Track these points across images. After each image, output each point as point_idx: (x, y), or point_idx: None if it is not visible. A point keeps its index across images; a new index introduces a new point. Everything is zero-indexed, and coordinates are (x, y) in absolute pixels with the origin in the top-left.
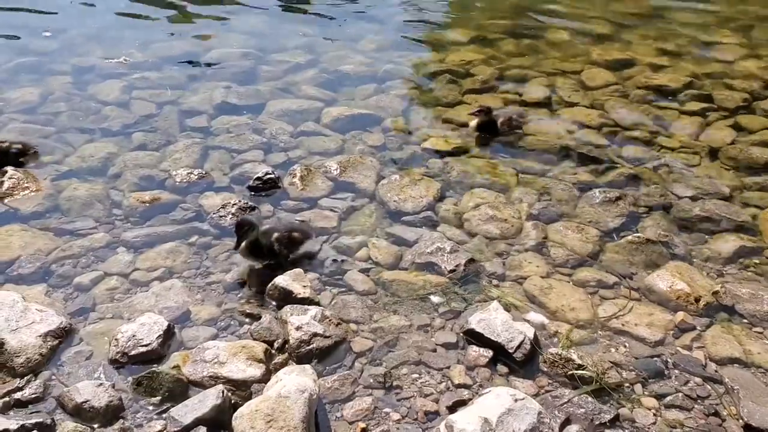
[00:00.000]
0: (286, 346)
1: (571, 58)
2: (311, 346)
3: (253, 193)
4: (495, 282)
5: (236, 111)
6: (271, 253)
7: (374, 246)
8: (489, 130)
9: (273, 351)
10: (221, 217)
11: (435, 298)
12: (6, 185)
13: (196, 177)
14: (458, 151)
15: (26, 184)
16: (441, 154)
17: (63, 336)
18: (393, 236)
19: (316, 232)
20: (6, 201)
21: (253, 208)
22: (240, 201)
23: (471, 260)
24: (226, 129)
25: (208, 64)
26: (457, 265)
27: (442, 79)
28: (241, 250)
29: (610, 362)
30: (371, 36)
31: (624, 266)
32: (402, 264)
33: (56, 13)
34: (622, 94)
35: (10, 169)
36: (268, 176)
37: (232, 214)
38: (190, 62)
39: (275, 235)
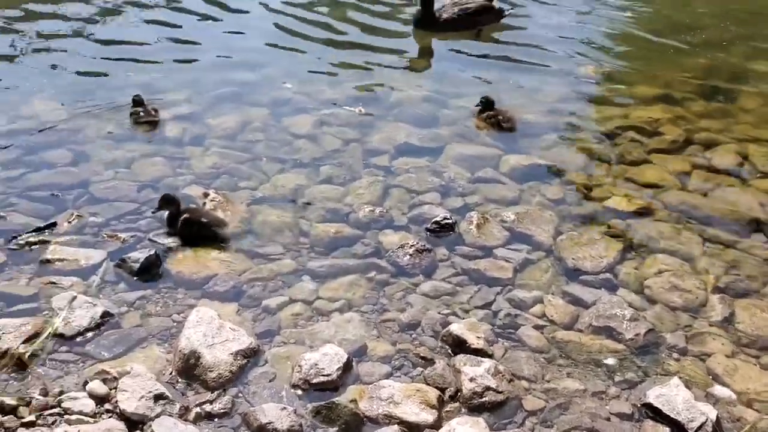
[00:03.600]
0: (459, 395)
1: (765, 125)
2: (483, 399)
3: (430, 234)
4: (675, 355)
5: (416, 152)
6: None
7: (550, 303)
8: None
9: (445, 398)
10: (399, 256)
11: (611, 365)
12: (208, 207)
13: (377, 214)
14: (642, 212)
15: (226, 207)
16: (623, 213)
17: (251, 356)
18: (570, 295)
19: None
20: None
21: (429, 250)
22: (417, 243)
23: (651, 330)
24: (406, 169)
25: (392, 106)
26: (636, 334)
27: (627, 136)
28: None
29: None
30: (552, 86)
31: None
32: (578, 325)
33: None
34: None
35: (212, 192)
36: (446, 221)
37: (410, 255)
38: (374, 103)
39: (185, 216)
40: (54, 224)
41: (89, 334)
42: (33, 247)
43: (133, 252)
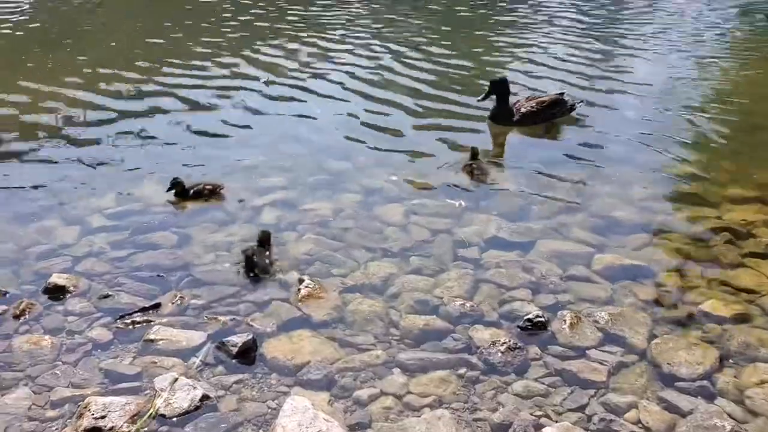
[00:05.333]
0: None
1: None
2: None
3: (521, 332)
4: None
5: (506, 246)
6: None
7: (645, 409)
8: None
9: None
10: (490, 353)
11: None
12: (302, 293)
13: (468, 308)
14: (739, 318)
15: (319, 294)
16: (719, 319)
17: None
18: (665, 401)
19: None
20: (301, 307)
21: (521, 348)
22: (509, 340)
23: None
24: (496, 263)
25: (480, 198)
26: None
27: (720, 238)
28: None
29: None
30: (644, 184)
31: None
32: None
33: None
34: None
35: (306, 278)
36: (538, 319)
37: (501, 352)
38: (463, 194)
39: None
40: (158, 305)
41: (189, 416)
42: (137, 326)
43: (231, 335)
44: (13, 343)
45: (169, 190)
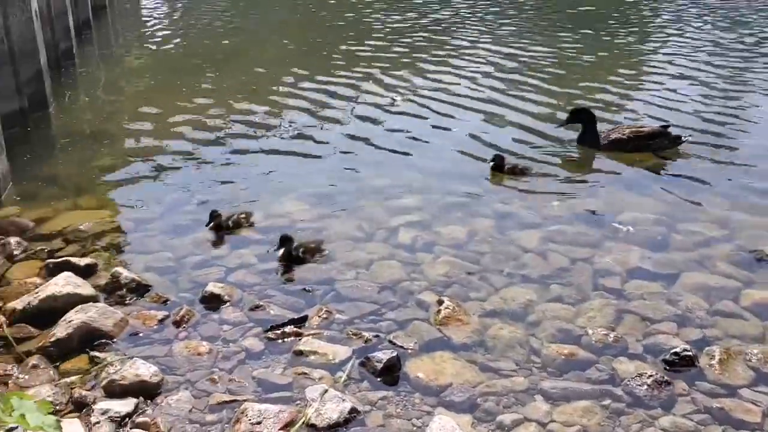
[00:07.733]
0: None
1: None
2: None
3: (667, 367)
4: None
5: (649, 277)
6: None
7: None
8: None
9: None
10: (636, 386)
11: None
12: (442, 314)
13: (611, 340)
14: None
15: (458, 317)
16: None
17: None
18: None
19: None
20: (441, 329)
21: (668, 383)
22: (656, 374)
23: None
24: (639, 295)
25: (621, 226)
26: None
27: None
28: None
29: None
30: None
31: None
32: None
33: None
34: None
35: (446, 300)
36: (686, 353)
37: (648, 385)
38: (603, 221)
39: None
40: (306, 317)
41: (338, 429)
42: (287, 337)
43: (375, 352)
44: (173, 348)
45: (208, 224)
